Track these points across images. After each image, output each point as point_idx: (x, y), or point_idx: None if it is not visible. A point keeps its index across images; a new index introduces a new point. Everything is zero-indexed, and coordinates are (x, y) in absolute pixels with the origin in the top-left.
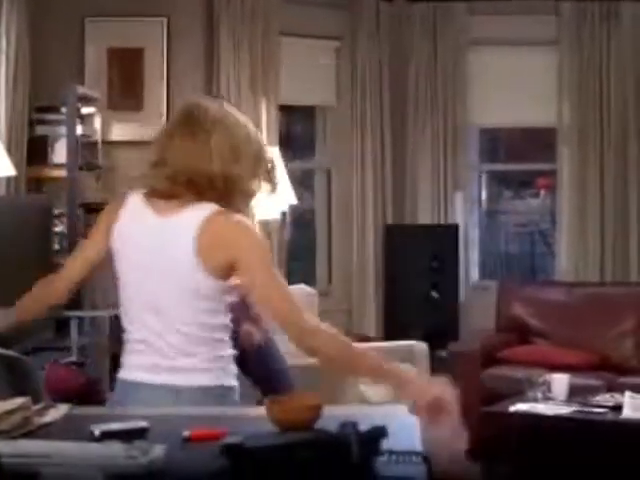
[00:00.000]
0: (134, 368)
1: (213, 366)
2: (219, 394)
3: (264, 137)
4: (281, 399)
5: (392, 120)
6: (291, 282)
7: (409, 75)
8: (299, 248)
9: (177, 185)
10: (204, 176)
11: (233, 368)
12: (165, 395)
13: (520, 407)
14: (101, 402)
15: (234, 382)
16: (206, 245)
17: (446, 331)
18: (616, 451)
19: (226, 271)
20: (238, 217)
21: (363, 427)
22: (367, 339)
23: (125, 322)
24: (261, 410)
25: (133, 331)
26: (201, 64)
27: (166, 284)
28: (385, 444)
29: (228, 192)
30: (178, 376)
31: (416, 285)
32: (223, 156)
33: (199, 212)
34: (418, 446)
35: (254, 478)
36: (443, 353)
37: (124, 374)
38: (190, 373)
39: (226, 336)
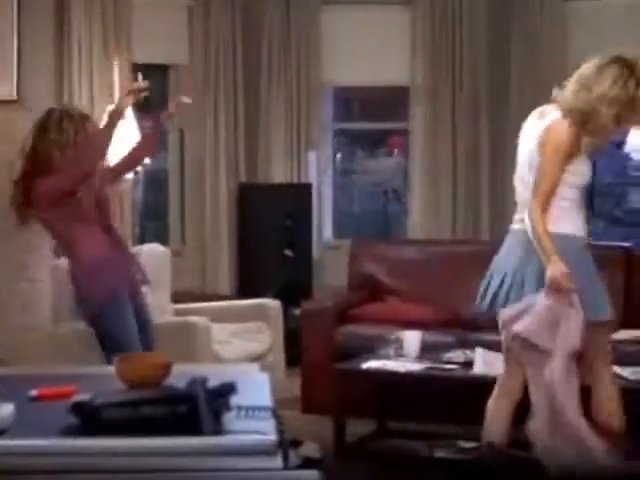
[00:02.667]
0: None
1: None
2: None
3: (116, 96)
4: (130, 357)
5: (245, 79)
6: (144, 242)
7: (262, 34)
8: (152, 208)
9: None
10: None
11: None
12: None
13: (372, 364)
14: None
15: None
16: None
17: (300, 289)
18: (467, 406)
19: None
20: None
21: (212, 384)
22: (221, 298)
23: None
24: (110, 368)
25: None
26: (52, 24)
27: None
28: (235, 400)
29: None
30: None
31: (270, 244)
32: None
33: None
34: (267, 401)
35: (103, 435)
36: (297, 311)
37: None
38: None
39: None
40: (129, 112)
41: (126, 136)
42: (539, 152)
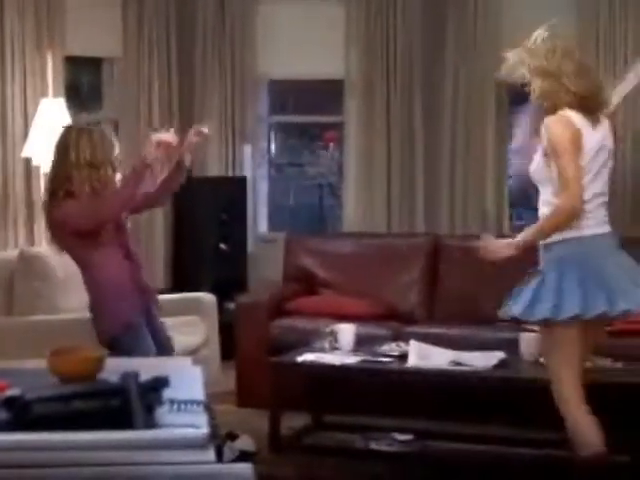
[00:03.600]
0: None
1: None
2: None
3: (50, 89)
4: (63, 351)
5: (179, 72)
6: None
7: (197, 27)
8: None
9: None
10: None
11: None
12: None
13: (307, 357)
14: None
15: None
16: None
17: (235, 283)
18: (402, 399)
19: None
20: None
21: (145, 378)
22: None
23: None
24: (43, 363)
25: None
26: None
27: None
28: (167, 394)
29: None
30: None
31: (205, 237)
32: None
33: None
34: (200, 395)
35: (34, 429)
36: (231, 305)
37: None
38: None
39: None
40: (62, 106)
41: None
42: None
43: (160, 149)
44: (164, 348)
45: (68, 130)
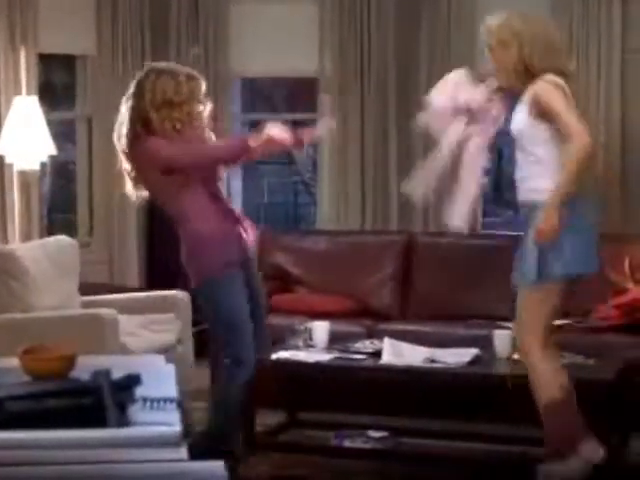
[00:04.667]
0: None
1: None
2: None
3: (23, 87)
4: (35, 349)
5: None
6: (52, 233)
7: (170, 25)
8: (60, 199)
9: None
10: None
11: None
12: None
13: (281, 355)
14: None
15: None
16: None
17: None
18: (376, 396)
19: None
20: None
21: (117, 376)
22: (129, 289)
23: None
24: (15, 361)
25: None
26: None
27: None
28: (140, 392)
29: None
30: None
31: (179, 235)
32: None
33: None
34: (173, 393)
35: (6, 427)
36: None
37: None
38: None
39: None
40: (35, 104)
41: (32, 126)
42: None
43: (269, 143)
44: (255, 298)
45: (146, 72)
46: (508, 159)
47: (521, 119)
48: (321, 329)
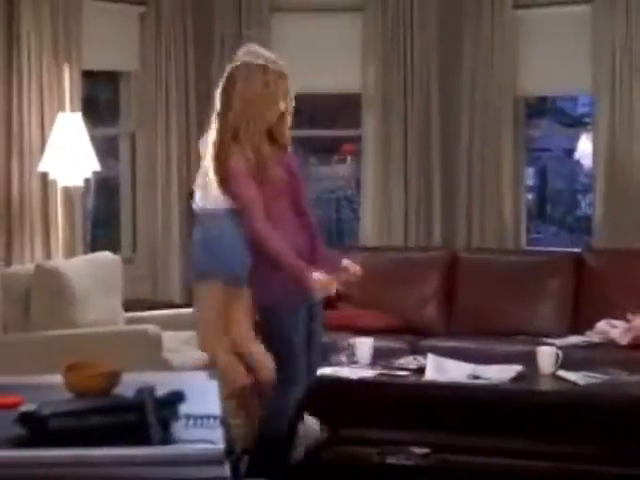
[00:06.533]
0: None
1: None
2: None
3: (67, 103)
4: (78, 366)
5: (197, 86)
6: (95, 249)
7: (214, 40)
8: (103, 215)
9: None
10: None
11: None
12: None
13: (325, 371)
14: None
15: None
16: None
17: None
18: (419, 412)
19: None
20: None
21: (161, 392)
22: (172, 305)
23: None
24: (58, 378)
25: None
26: (1, 28)
27: None
28: (183, 409)
29: None
30: None
31: None
32: None
33: None
34: (216, 410)
35: (50, 445)
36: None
37: None
38: None
39: None
40: (79, 121)
41: (76, 143)
42: None
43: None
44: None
45: (236, 66)
46: (552, 175)
47: None
48: (364, 345)
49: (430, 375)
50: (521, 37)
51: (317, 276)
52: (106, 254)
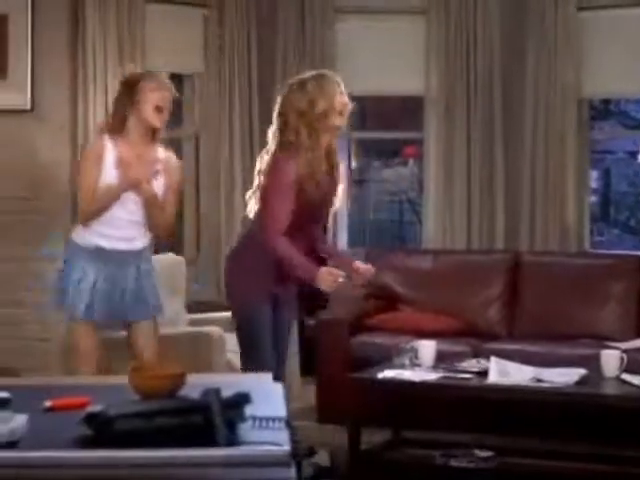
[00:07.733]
0: None
1: None
2: None
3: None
4: (143, 367)
5: (260, 88)
6: (158, 251)
7: (277, 43)
8: None
9: None
10: None
11: None
12: None
13: (388, 374)
14: None
15: None
16: None
17: (315, 299)
18: (482, 415)
19: None
20: None
21: (226, 394)
22: None
23: None
24: (124, 379)
25: None
26: (66, 32)
27: None
28: (249, 410)
29: None
30: None
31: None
32: None
33: None
34: (282, 412)
35: (116, 446)
36: (311, 320)
37: None
38: None
39: None
40: None
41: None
42: None
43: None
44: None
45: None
46: (616, 178)
47: None
48: (427, 348)
49: (493, 378)
50: (584, 39)
51: (324, 270)
52: (170, 255)
